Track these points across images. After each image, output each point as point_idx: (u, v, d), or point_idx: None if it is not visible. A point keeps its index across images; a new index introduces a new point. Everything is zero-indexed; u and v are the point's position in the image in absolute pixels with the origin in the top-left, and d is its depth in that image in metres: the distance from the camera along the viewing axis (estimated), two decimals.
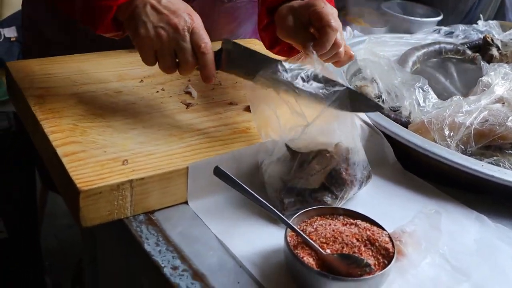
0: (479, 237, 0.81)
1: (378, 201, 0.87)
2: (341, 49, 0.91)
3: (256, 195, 0.72)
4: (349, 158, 0.79)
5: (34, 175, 1.50)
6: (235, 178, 0.73)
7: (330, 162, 0.77)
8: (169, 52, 0.83)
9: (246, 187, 0.73)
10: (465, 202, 0.88)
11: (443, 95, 1.21)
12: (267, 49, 1.10)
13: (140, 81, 1.00)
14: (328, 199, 0.78)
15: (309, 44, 0.87)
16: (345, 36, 1.38)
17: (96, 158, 0.76)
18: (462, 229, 0.83)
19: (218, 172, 0.74)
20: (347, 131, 0.80)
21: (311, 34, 0.91)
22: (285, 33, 0.94)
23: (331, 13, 0.89)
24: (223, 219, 0.78)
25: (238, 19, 1.26)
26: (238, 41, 1.27)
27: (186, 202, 0.80)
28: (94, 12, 0.84)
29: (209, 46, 0.84)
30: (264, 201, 0.72)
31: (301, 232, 0.69)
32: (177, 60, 0.84)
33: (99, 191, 0.71)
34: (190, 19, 0.82)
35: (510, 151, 0.94)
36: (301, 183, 0.77)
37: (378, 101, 1.11)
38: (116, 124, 0.86)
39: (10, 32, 2.25)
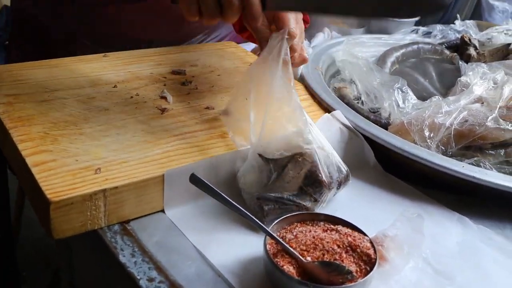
0: (461, 240, 0.80)
1: (359, 204, 0.86)
2: (296, 53, 0.91)
3: (234, 203, 0.70)
4: (320, 159, 0.77)
5: (6, 183, 1.46)
6: (211, 186, 0.71)
7: (304, 165, 0.75)
8: None
9: (223, 195, 0.71)
10: (446, 204, 0.87)
11: (422, 95, 1.20)
12: (236, 32, 1.12)
13: (114, 86, 0.98)
14: (308, 203, 0.76)
15: (264, 44, 0.85)
16: (323, 37, 1.37)
17: (68, 167, 0.74)
18: (444, 232, 0.81)
19: (194, 179, 0.72)
20: (316, 134, 0.78)
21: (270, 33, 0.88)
22: (249, 26, 0.91)
23: (294, 16, 0.88)
24: (201, 227, 0.76)
25: None
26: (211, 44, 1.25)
27: (162, 211, 0.78)
28: None
29: None
30: (242, 208, 0.70)
31: (281, 240, 0.67)
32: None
33: (71, 202, 0.69)
34: None
35: (490, 152, 0.93)
36: (279, 190, 0.75)
37: (358, 102, 1.09)
38: (88, 131, 0.83)
39: None
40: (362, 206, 0.86)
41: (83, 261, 0.90)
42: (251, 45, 1.31)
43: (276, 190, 0.75)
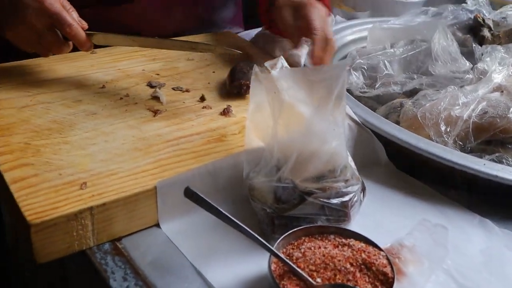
0: (485, 247, 0.73)
1: (371, 209, 0.79)
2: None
3: (234, 220, 0.63)
4: (353, 198, 0.71)
5: None
6: (209, 201, 0.64)
7: (332, 195, 0.68)
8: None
9: (223, 212, 0.64)
10: (466, 205, 0.80)
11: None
12: (266, 29, 1.14)
13: (102, 87, 0.90)
14: (324, 223, 0.69)
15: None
16: None
17: (50, 182, 0.67)
18: (466, 238, 0.74)
19: (190, 193, 0.65)
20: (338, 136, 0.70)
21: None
22: (281, 27, 1.03)
23: (318, 14, 0.95)
24: (200, 243, 0.69)
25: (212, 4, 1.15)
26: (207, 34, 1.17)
27: (157, 225, 0.71)
28: None
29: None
30: (243, 226, 0.63)
31: (287, 260, 0.60)
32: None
33: (54, 223, 0.62)
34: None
35: None
36: (298, 211, 0.68)
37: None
38: (74, 139, 0.76)
39: None
40: (374, 210, 0.79)
41: (77, 281, 0.83)
42: (251, 34, 1.23)
43: (294, 211, 0.68)
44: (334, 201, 0.70)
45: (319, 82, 0.64)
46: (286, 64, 0.72)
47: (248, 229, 0.63)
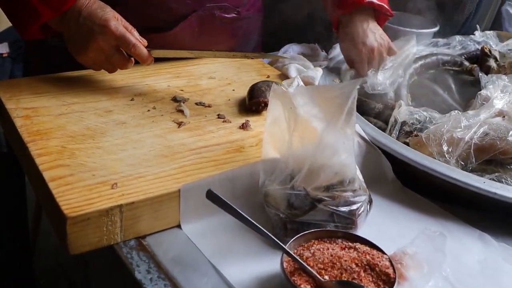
0: (483, 258, 0.78)
1: (377, 220, 0.85)
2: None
3: (251, 220, 0.70)
4: (360, 208, 0.77)
5: (25, 194, 1.47)
6: (228, 202, 0.70)
7: (341, 203, 0.75)
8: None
9: (240, 212, 0.70)
10: (467, 220, 0.86)
11: (441, 107, 1.19)
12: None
13: (131, 99, 0.98)
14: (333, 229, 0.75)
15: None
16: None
17: (84, 182, 0.74)
18: (465, 249, 0.80)
19: (211, 195, 0.71)
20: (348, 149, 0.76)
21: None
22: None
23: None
24: (217, 243, 0.75)
25: (239, 34, 1.24)
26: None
27: (179, 226, 0.78)
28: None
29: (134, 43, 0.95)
30: (259, 226, 0.69)
31: (298, 258, 0.66)
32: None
33: (87, 217, 0.69)
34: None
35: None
36: (309, 217, 0.74)
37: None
38: (105, 145, 0.83)
39: (2, 48, 2.22)
40: (379, 221, 0.84)
41: (99, 276, 0.90)
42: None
43: (305, 216, 0.74)
44: (343, 209, 0.76)
45: (331, 99, 0.70)
46: (301, 83, 0.79)
47: (263, 229, 0.69)
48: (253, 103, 0.97)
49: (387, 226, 0.84)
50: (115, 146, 0.83)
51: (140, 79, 1.06)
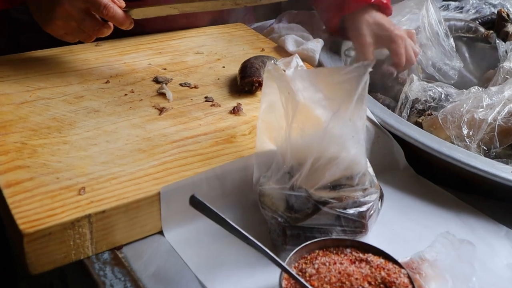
0: None
1: (389, 217, 0.74)
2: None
3: (243, 232, 0.58)
4: (371, 208, 0.66)
5: None
6: (216, 211, 0.59)
7: (348, 205, 0.63)
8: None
9: (229, 222, 0.59)
10: (491, 215, 0.75)
11: (455, 79, 1.07)
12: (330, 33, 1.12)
13: (106, 82, 0.86)
14: (340, 235, 0.65)
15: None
16: None
17: (47, 187, 0.62)
18: (492, 251, 0.69)
19: (195, 202, 0.60)
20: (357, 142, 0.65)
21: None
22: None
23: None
24: (205, 254, 0.65)
25: None
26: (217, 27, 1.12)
27: (161, 232, 0.67)
28: None
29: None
30: (252, 238, 0.58)
31: (299, 278, 0.55)
32: None
33: (49, 232, 0.58)
34: None
35: None
36: (312, 221, 0.63)
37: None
38: (74, 139, 0.71)
39: None
40: (392, 219, 0.74)
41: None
42: (264, 26, 1.18)
43: (307, 221, 0.63)
44: (351, 211, 0.65)
45: (338, 84, 0.58)
46: (301, 63, 0.67)
47: (258, 243, 0.58)
48: (245, 83, 0.85)
49: (401, 225, 0.73)
50: (85, 140, 0.71)
51: (117, 57, 0.94)
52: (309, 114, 0.62)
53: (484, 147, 0.81)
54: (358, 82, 0.57)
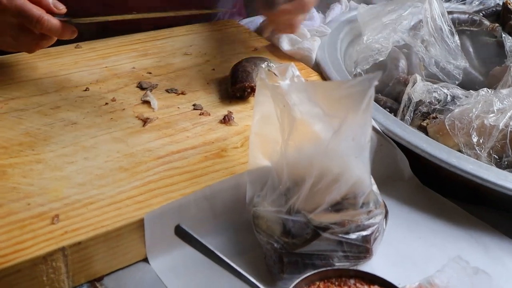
0: None
1: (394, 235, 0.68)
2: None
3: (236, 267, 0.52)
4: (376, 231, 0.60)
5: None
6: (205, 244, 0.53)
7: (351, 229, 0.57)
8: None
9: (220, 256, 0.53)
10: (505, 231, 0.69)
11: (459, 79, 1.01)
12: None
13: (85, 89, 0.79)
14: (344, 262, 0.59)
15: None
16: (341, 9, 1.17)
17: (16, 215, 0.56)
18: (508, 272, 0.64)
19: (181, 232, 0.54)
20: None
21: None
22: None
23: None
24: (194, 283, 0.59)
25: None
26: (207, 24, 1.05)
27: (146, 259, 0.61)
28: None
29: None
30: (246, 274, 0.52)
31: None
32: None
33: (17, 269, 0.52)
34: None
35: None
36: (311, 247, 0.57)
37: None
38: (48, 156, 0.65)
39: None
40: (397, 237, 0.68)
41: None
42: (256, 22, 1.11)
43: (307, 247, 0.57)
44: (354, 236, 0.59)
45: (339, 99, 0.52)
46: (297, 72, 0.60)
47: (252, 279, 0.52)
48: (236, 89, 0.79)
49: (407, 244, 0.67)
50: (61, 158, 0.65)
51: (98, 60, 0.87)
52: (307, 130, 0.56)
53: (495, 156, 0.75)
54: (362, 97, 0.50)
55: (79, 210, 0.58)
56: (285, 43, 0.95)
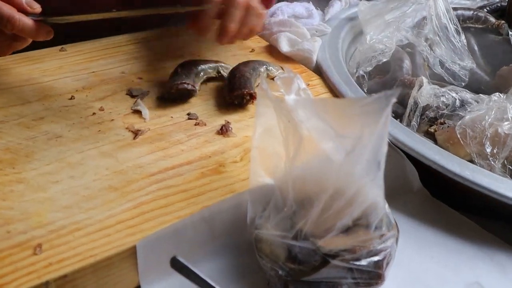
0: None
1: (404, 254, 0.63)
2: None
3: None
4: (388, 256, 0.55)
5: None
6: (205, 278, 0.48)
7: (362, 256, 0.53)
8: None
9: None
10: None
11: (466, 80, 0.97)
12: None
13: (71, 98, 0.73)
14: (352, 287, 0.54)
15: None
16: (340, 6, 1.11)
17: None
18: None
19: (178, 265, 0.49)
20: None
21: None
22: None
23: None
24: None
25: None
26: None
27: (139, 286, 0.56)
28: None
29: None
30: None
31: None
32: None
33: None
34: None
35: None
36: (320, 274, 0.52)
37: None
38: (31, 175, 0.59)
39: None
40: (408, 257, 0.63)
41: None
42: None
43: (315, 274, 0.52)
44: (365, 262, 0.54)
45: (353, 116, 0.47)
46: (303, 85, 0.55)
47: None
48: (234, 96, 0.74)
49: (419, 265, 0.63)
50: (44, 177, 0.59)
51: (84, 64, 0.81)
52: (315, 149, 0.51)
53: (510, 167, 0.71)
54: (378, 116, 0.45)
55: (65, 237, 0.52)
56: (284, 44, 0.90)
